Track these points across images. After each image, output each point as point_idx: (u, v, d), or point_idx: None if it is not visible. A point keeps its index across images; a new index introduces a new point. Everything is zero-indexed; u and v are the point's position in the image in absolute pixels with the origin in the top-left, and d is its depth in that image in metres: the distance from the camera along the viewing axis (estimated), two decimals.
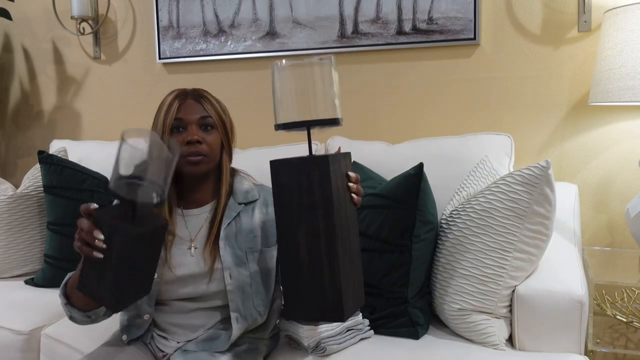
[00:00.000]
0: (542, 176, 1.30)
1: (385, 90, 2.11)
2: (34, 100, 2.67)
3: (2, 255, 1.97)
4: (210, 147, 1.27)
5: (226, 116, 1.33)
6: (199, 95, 1.30)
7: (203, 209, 1.32)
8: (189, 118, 1.26)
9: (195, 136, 1.25)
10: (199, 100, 1.29)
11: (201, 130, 1.27)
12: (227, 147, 1.33)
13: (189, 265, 1.26)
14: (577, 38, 1.88)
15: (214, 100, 1.32)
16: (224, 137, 1.31)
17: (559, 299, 1.30)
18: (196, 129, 1.26)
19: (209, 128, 1.28)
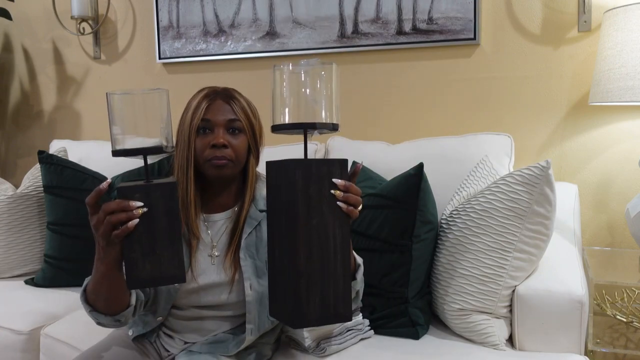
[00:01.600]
0: (542, 176, 1.30)
1: (385, 90, 2.11)
2: (34, 100, 2.67)
3: (2, 255, 1.97)
4: (236, 152, 1.22)
5: (256, 119, 1.28)
6: (230, 97, 1.25)
7: (225, 214, 1.29)
8: (216, 120, 1.21)
9: (222, 139, 1.20)
10: (228, 101, 1.24)
11: (228, 134, 1.22)
12: (254, 151, 1.27)
13: (210, 274, 1.24)
14: (577, 38, 1.88)
15: (245, 102, 1.27)
16: (252, 140, 1.26)
17: (559, 299, 1.30)
18: (223, 132, 1.21)
19: (237, 132, 1.23)
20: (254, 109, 1.29)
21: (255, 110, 1.28)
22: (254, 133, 1.26)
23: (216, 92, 1.25)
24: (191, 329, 1.28)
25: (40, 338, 1.60)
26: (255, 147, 1.28)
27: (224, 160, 1.20)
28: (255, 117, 1.27)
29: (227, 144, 1.21)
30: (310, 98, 0.97)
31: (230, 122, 1.22)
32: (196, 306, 1.26)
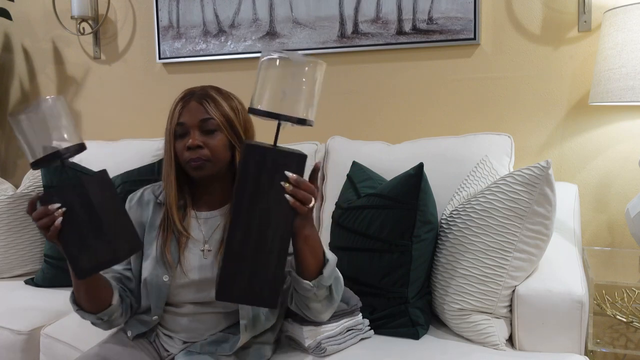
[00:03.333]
0: (542, 176, 1.30)
1: (385, 90, 2.11)
2: (34, 100, 2.67)
3: (2, 255, 1.97)
4: (213, 151, 1.23)
5: (238, 114, 1.27)
6: (203, 96, 1.25)
7: (218, 211, 1.30)
8: (190, 122, 1.23)
9: (195, 141, 1.21)
10: (201, 101, 1.24)
11: (203, 134, 1.23)
12: (239, 146, 1.26)
13: (203, 270, 1.25)
14: (577, 38, 1.88)
15: (222, 98, 1.26)
16: (233, 137, 1.25)
17: (559, 299, 1.30)
18: (197, 133, 1.22)
19: (212, 131, 1.23)
20: (236, 105, 1.28)
21: (237, 106, 1.28)
22: (234, 129, 1.26)
23: (192, 93, 1.26)
24: (188, 327, 1.28)
25: (40, 338, 1.60)
26: (240, 141, 1.27)
27: (200, 161, 1.22)
28: (236, 112, 1.27)
29: (202, 145, 1.22)
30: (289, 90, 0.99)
31: (204, 123, 1.23)
32: (192, 302, 1.27)
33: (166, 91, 2.43)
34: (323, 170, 1.90)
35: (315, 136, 2.21)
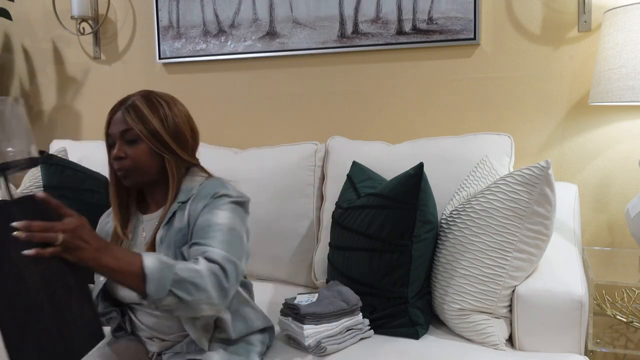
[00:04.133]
0: (542, 176, 1.30)
1: (385, 90, 2.11)
2: (34, 100, 2.67)
3: None
4: (134, 161, 1.23)
5: (164, 121, 1.25)
6: (126, 106, 1.25)
7: (158, 212, 1.31)
8: (113, 133, 1.25)
9: (117, 152, 1.23)
10: (123, 112, 1.24)
11: (126, 145, 1.24)
12: (170, 153, 1.26)
13: None
14: (577, 38, 1.88)
15: (148, 107, 1.25)
16: (157, 144, 1.24)
17: (559, 299, 1.30)
18: (121, 144, 1.24)
19: (134, 141, 1.24)
20: (165, 113, 1.26)
21: (165, 114, 1.26)
22: (158, 138, 1.24)
23: (121, 103, 1.27)
24: (152, 326, 1.28)
25: None
26: (170, 149, 1.26)
27: (123, 171, 1.24)
28: (163, 120, 1.25)
29: (123, 156, 1.23)
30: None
31: (125, 133, 1.24)
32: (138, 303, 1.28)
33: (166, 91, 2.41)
34: (323, 170, 1.90)
35: (315, 136, 2.21)
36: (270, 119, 2.28)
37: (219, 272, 1.10)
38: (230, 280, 1.12)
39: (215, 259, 1.11)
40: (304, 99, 2.22)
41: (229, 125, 2.34)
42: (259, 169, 1.91)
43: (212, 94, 2.36)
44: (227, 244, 1.15)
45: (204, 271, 1.08)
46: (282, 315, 1.42)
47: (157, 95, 1.29)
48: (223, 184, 1.27)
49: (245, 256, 1.21)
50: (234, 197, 1.24)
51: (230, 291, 1.12)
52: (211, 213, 1.20)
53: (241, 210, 1.25)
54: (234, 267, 1.13)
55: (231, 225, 1.19)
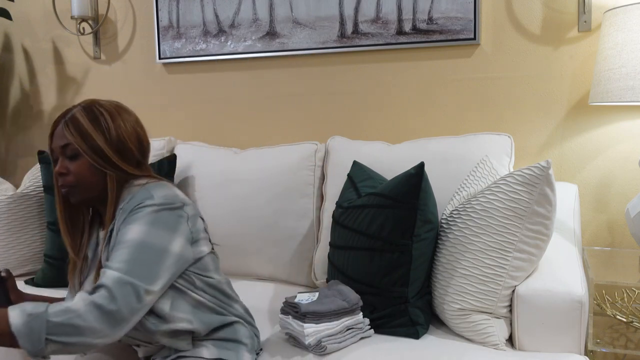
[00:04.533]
0: (543, 176, 1.30)
1: (385, 90, 2.11)
2: (34, 100, 2.67)
3: (2, 255, 1.97)
4: (76, 177, 1.19)
5: (106, 134, 1.20)
6: (66, 120, 1.19)
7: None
8: (55, 148, 1.20)
9: (59, 168, 1.18)
10: (63, 126, 1.19)
11: (67, 160, 1.19)
12: (112, 168, 1.20)
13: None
14: (577, 38, 1.88)
15: (89, 119, 1.19)
16: (98, 160, 1.18)
17: (559, 299, 1.30)
18: (63, 160, 1.19)
19: (74, 156, 1.19)
20: (107, 125, 1.20)
21: (108, 125, 1.20)
22: (98, 152, 1.18)
23: (62, 115, 1.22)
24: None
25: None
26: (109, 164, 1.20)
27: (66, 188, 1.20)
28: (105, 133, 1.19)
29: (65, 172, 1.19)
30: None
31: (64, 149, 1.19)
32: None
33: (166, 91, 2.43)
34: (323, 170, 1.90)
35: (315, 136, 2.21)
36: (270, 119, 2.28)
37: (102, 302, 1.04)
38: (120, 303, 1.05)
39: (104, 283, 1.06)
40: (304, 99, 2.22)
41: (229, 125, 2.34)
42: (259, 169, 1.92)
43: (212, 94, 2.36)
44: (130, 262, 1.09)
45: (81, 309, 1.03)
46: (283, 313, 1.42)
47: (100, 105, 1.22)
48: (150, 193, 1.18)
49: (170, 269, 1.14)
50: (157, 204, 1.16)
51: (124, 313, 1.06)
52: (124, 229, 1.14)
53: (168, 218, 1.16)
54: (129, 289, 1.06)
55: (142, 240, 1.11)
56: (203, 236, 1.25)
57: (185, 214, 1.20)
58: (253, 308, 1.64)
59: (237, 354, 1.26)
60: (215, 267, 1.29)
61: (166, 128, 2.44)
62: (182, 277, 1.21)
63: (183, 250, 1.17)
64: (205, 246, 1.26)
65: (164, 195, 1.18)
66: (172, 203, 1.18)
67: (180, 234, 1.17)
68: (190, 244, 1.20)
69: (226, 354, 1.24)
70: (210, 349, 1.23)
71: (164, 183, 1.25)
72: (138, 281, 1.08)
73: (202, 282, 1.24)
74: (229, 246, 1.90)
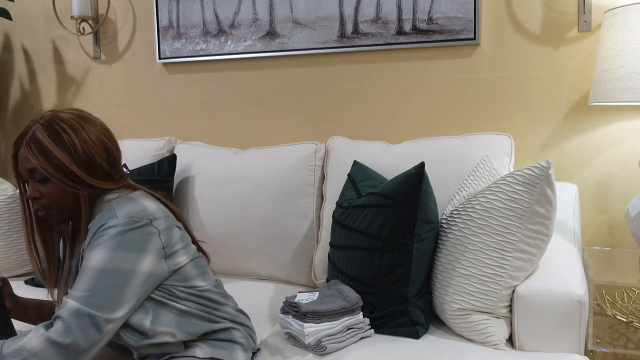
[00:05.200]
0: (543, 176, 1.30)
1: (385, 90, 2.11)
2: (34, 100, 2.67)
3: (2, 255, 1.97)
4: (50, 199, 1.14)
5: (73, 151, 1.13)
6: (28, 141, 1.13)
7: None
8: (22, 172, 1.15)
9: (30, 193, 1.14)
10: (25, 148, 1.13)
11: (38, 183, 1.14)
12: (83, 186, 1.14)
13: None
14: (577, 38, 1.88)
15: (52, 139, 1.12)
16: (67, 181, 1.13)
17: (559, 299, 1.30)
18: (33, 183, 1.14)
19: (44, 180, 1.13)
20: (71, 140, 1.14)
21: (71, 143, 1.13)
22: (66, 173, 1.12)
23: (22, 136, 1.15)
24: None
25: None
26: (79, 182, 1.14)
27: (43, 211, 1.16)
28: (72, 151, 1.13)
29: (38, 196, 1.14)
30: None
31: (32, 173, 1.14)
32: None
33: (166, 91, 2.43)
34: (323, 170, 1.90)
35: (315, 136, 2.21)
36: (270, 119, 2.28)
37: (57, 337, 1.02)
38: (76, 336, 1.03)
39: (61, 315, 1.05)
40: (304, 99, 2.22)
41: (229, 125, 2.34)
42: (259, 169, 1.92)
43: (212, 94, 2.36)
44: (90, 292, 1.07)
45: (35, 347, 1.01)
46: (283, 313, 1.42)
47: (61, 120, 1.15)
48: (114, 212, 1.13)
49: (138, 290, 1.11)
50: (119, 227, 1.11)
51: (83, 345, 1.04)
52: (88, 254, 1.11)
53: (135, 239, 1.12)
54: (86, 321, 1.04)
55: (103, 267, 1.08)
56: (181, 246, 1.20)
57: (155, 229, 1.15)
58: (253, 308, 1.64)
59: (231, 353, 1.25)
60: (199, 273, 1.24)
61: (166, 128, 2.44)
62: (160, 290, 1.18)
63: (154, 268, 1.14)
64: (184, 256, 1.20)
65: (129, 213, 1.13)
66: (138, 221, 1.13)
67: (150, 252, 1.13)
68: (163, 259, 1.16)
69: (220, 353, 1.23)
70: (203, 349, 1.22)
71: (132, 196, 1.18)
72: (97, 312, 1.06)
73: (184, 293, 1.20)
74: (229, 246, 1.90)
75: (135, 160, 2.10)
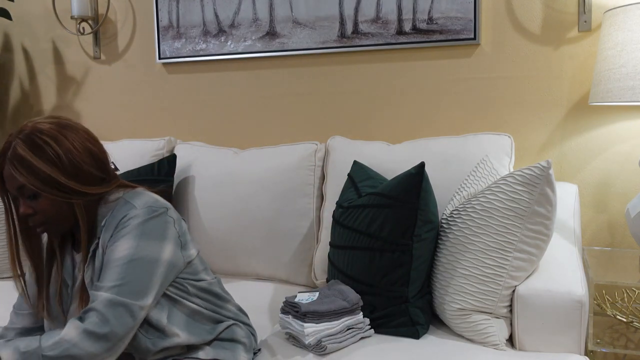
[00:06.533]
0: (543, 176, 1.30)
1: (385, 90, 2.11)
2: (34, 100, 2.67)
3: (2, 255, 1.97)
4: (44, 215, 1.13)
5: (58, 163, 1.11)
6: (11, 159, 1.10)
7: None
8: (11, 191, 1.13)
9: (23, 210, 1.12)
10: (9, 166, 1.10)
11: (29, 200, 1.12)
12: (75, 195, 1.12)
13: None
14: (577, 38, 1.88)
15: (34, 153, 1.09)
16: (61, 193, 1.11)
17: (559, 299, 1.30)
18: (24, 201, 1.12)
19: (34, 196, 1.11)
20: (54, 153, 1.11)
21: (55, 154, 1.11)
22: (56, 185, 1.10)
23: (3, 153, 1.12)
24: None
25: None
26: (70, 193, 1.12)
27: (40, 227, 1.14)
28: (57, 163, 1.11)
29: (31, 212, 1.13)
30: None
31: (21, 190, 1.11)
32: None
33: (166, 91, 2.43)
34: (323, 170, 1.90)
35: (315, 136, 2.21)
36: (270, 119, 2.28)
37: (94, 328, 1.04)
38: (112, 325, 1.05)
39: (95, 307, 1.06)
40: (304, 99, 2.22)
41: (229, 125, 2.34)
42: (259, 169, 1.92)
43: (212, 94, 2.36)
44: (121, 281, 1.08)
45: (74, 338, 1.03)
46: (283, 313, 1.42)
47: (41, 132, 1.11)
48: (131, 204, 1.15)
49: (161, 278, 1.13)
50: (140, 217, 1.13)
51: (119, 333, 1.06)
52: (112, 247, 1.12)
53: (155, 227, 1.14)
54: (121, 310, 1.06)
55: (132, 256, 1.10)
56: (189, 238, 1.24)
57: (170, 218, 1.18)
58: (253, 308, 1.64)
59: (234, 353, 1.25)
60: (204, 267, 1.27)
61: (166, 128, 2.44)
62: (175, 286, 1.20)
63: (173, 256, 1.16)
64: (194, 248, 1.24)
65: (146, 203, 1.16)
66: (156, 210, 1.16)
67: (169, 239, 1.16)
68: (179, 249, 1.19)
69: (223, 354, 1.24)
70: (206, 350, 1.23)
71: (139, 190, 1.21)
72: (131, 300, 1.08)
73: (194, 288, 1.23)
74: (229, 246, 1.90)
75: (135, 160, 2.10)
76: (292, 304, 1.39)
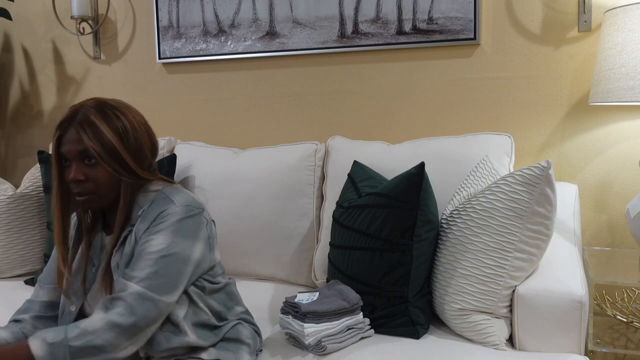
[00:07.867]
0: (543, 176, 1.30)
1: (385, 90, 2.11)
2: (34, 100, 2.67)
3: (2, 255, 1.97)
4: (96, 183, 1.14)
5: (124, 137, 1.15)
6: (81, 123, 1.12)
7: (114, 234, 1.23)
8: (69, 153, 1.13)
9: (76, 175, 1.13)
10: (78, 129, 1.12)
11: (85, 165, 1.14)
12: (128, 173, 1.16)
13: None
14: (577, 38, 1.88)
15: (105, 121, 1.13)
16: (116, 166, 1.14)
17: (559, 299, 1.30)
18: (78, 165, 1.13)
19: (93, 162, 1.13)
20: (123, 124, 1.15)
21: (125, 126, 1.15)
22: (116, 158, 1.14)
23: (73, 116, 1.14)
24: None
25: None
26: (125, 169, 1.15)
27: (85, 196, 1.14)
28: (123, 136, 1.15)
29: (83, 178, 1.13)
30: None
31: (82, 154, 1.13)
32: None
33: (166, 91, 2.43)
34: (323, 170, 1.90)
35: (315, 136, 2.21)
36: (270, 119, 2.28)
37: (120, 319, 1.06)
38: (138, 316, 1.07)
39: (124, 297, 1.08)
40: (304, 99, 2.22)
41: (229, 125, 2.34)
42: (259, 169, 1.92)
43: (212, 94, 2.36)
44: (153, 276, 1.10)
45: (100, 328, 1.05)
46: (283, 313, 1.42)
47: (112, 106, 1.16)
48: (171, 200, 1.18)
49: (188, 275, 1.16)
50: (178, 214, 1.16)
51: (143, 325, 1.08)
52: (147, 240, 1.14)
53: (190, 226, 1.17)
54: (150, 305, 1.09)
55: (166, 252, 1.12)
56: (216, 242, 1.27)
57: (205, 219, 1.21)
58: (253, 308, 1.64)
59: (236, 355, 1.26)
60: (222, 271, 1.31)
61: (166, 128, 2.44)
62: (195, 285, 1.22)
63: (201, 256, 1.19)
64: (218, 253, 1.28)
65: (186, 201, 1.18)
66: (193, 209, 1.19)
67: (200, 240, 1.19)
68: (208, 250, 1.22)
69: (225, 355, 1.24)
70: (209, 351, 1.23)
71: (177, 187, 1.24)
72: (159, 295, 1.11)
73: (211, 289, 1.26)
74: (229, 246, 1.90)
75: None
76: (292, 304, 1.39)
